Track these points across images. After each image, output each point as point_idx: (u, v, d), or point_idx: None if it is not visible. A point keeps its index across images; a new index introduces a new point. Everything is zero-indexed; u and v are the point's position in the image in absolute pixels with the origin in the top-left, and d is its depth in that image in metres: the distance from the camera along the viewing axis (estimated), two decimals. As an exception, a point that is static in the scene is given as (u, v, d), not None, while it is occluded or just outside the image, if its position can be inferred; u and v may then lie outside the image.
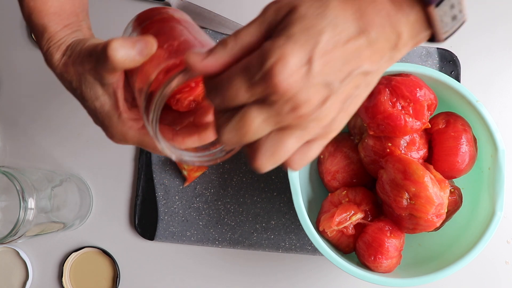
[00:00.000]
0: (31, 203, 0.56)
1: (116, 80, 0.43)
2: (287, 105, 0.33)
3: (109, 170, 0.72)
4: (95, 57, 0.42)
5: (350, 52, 0.33)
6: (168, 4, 0.73)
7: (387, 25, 0.34)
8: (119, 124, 0.45)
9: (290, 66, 0.32)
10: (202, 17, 0.72)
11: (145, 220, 0.71)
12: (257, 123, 0.33)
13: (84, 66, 0.44)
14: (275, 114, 0.33)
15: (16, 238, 0.56)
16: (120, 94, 0.44)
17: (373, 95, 0.56)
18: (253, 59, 0.33)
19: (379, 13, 0.34)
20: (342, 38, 0.33)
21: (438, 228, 0.58)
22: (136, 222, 0.71)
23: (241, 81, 0.33)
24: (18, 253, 0.70)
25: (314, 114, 0.34)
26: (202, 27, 0.72)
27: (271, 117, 0.33)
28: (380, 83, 0.57)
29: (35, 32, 0.46)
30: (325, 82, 0.33)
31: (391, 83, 0.56)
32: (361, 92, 0.35)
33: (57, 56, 0.46)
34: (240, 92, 0.33)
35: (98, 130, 0.72)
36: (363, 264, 0.59)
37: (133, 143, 0.46)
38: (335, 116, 0.35)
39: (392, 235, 0.58)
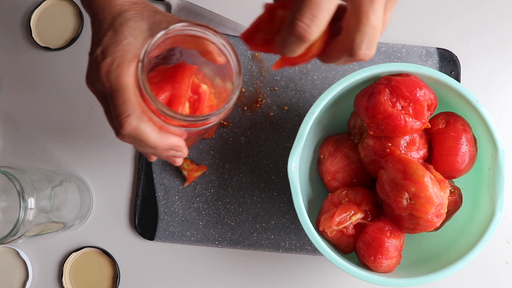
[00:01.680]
0: (31, 203, 0.56)
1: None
2: None
3: (109, 170, 0.72)
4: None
5: None
6: (169, 5, 0.73)
7: None
8: (123, 68, 0.46)
9: None
10: (202, 17, 0.72)
11: (145, 220, 0.71)
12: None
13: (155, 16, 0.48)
14: None
15: (16, 238, 0.56)
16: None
17: (373, 95, 0.56)
18: None
19: None
20: None
21: (438, 228, 0.58)
22: (136, 222, 0.71)
23: None
24: (18, 253, 0.70)
25: None
26: (202, 27, 0.72)
27: None
28: (380, 83, 0.57)
29: None
30: None
31: (391, 83, 0.56)
32: None
33: None
34: None
35: (98, 130, 0.73)
36: (363, 264, 0.60)
37: (111, 89, 0.46)
38: None
39: (392, 235, 0.58)
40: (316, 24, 0.36)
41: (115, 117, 0.46)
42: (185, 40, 0.50)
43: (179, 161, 0.54)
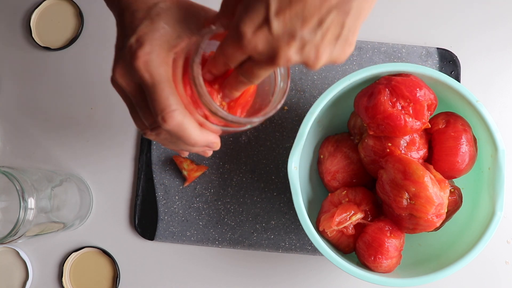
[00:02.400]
0: (31, 203, 0.56)
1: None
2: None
3: (109, 170, 0.72)
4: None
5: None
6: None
7: None
8: (163, 58, 0.44)
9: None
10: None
11: (145, 220, 0.71)
12: (259, 71, 0.42)
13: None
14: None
15: (16, 238, 0.56)
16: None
17: (373, 95, 0.56)
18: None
19: None
20: None
21: (438, 228, 0.58)
22: (136, 222, 0.71)
23: (230, 48, 0.40)
24: (18, 253, 0.70)
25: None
26: (202, 27, 0.72)
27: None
28: (380, 83, 0.57)
29: None
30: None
31: (391, 83, 0.56)
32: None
33: None
34: (234, 55, 0.41)
35: (98, 130, 0.73)
36: (363, 264, 0.60)
37: (150, 79, 0.44)
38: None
39: (392, 235, 0.58)
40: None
41: (158, 110, 0.44)
42: None
43: (210, 153, 0.53)
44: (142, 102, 0.46)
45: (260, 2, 0.37)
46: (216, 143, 0.49)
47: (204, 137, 0.47)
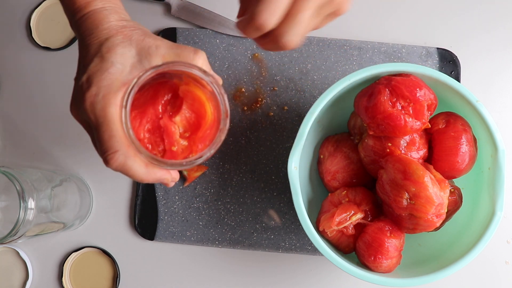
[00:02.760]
0: (31, 203, 0.56)
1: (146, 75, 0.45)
2: None
3: (109, 170, 0.72)
4: (176, 46, 0.47)
5: None
6: (168, 4, 0.73)
7: None
8: (109, 99, 0.44)
9: None
10: (202, 17, 0.72)
11: (145, 220, 0.71)
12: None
13: (155, 41, 0.47)
14: None
15: (16, 238, 0.56)
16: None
17: (373, 95, 0.56)
18: None
19: None
20: None
21: (438, 228, 0.58)
22: (136, 222, 0.71)
23: None
24: (18, 253, 0.70)
25: None
26: (202, 27, 0.72)
27: None
28: (380, 83, 0.57)
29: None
30: None
31: (391, 83, 0.56)
32: None
33: (114, 16, 0.48)
34: None
35: (98, 130, 0.73)
36: (363, 264, 0.60)
37: (97, 122, 0.45)
38: None
39: (392, 235, 0.58)
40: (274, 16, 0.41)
41: (101, 152, 0.45)
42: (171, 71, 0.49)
43: (171, 185, 0.53)
44: (92, 138, 0.47)
45: None
46: (167, 179, 0.49)
47: (151, 176, 0.47)
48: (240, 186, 0.71)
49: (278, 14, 0.40)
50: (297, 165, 0.58)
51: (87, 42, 0.47)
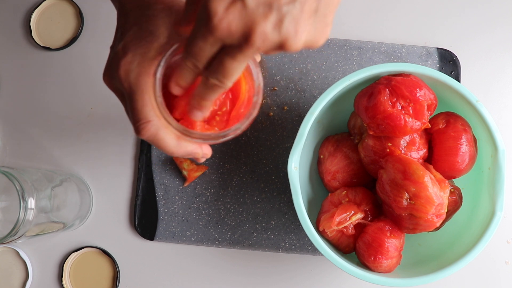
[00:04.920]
0: (31, 203, 0.56)
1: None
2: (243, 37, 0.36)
3: (109, 170, 0.72)
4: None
5: None
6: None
7: None
8: (143, 67, 0.43)
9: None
10: (202, 17, 0.72)
11: (145, 220, 0.71)
12: (232, 65, 0.38)
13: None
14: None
15: (16, 238, 0.56)
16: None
17: (373, 95, 0.56)
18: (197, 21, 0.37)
19: None
20: None
21: (438, 228, 0.58)
22: (136, 222, 0.71)
23: (198, 39, 0.37)
24: (18, 253, 0.70)
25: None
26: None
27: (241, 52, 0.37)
28: (380, 83, 0.57)
29: None
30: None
31: (391, 83, 0.56)
32: None
33: None
34: (203, 48, 0.37)
35: (98, 130, 0.73)
36: (363, 264, 0.60)
37: (128, 86, 0.44)
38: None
39: (392, 235, 0.58)
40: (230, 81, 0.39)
41: (133, 121, 0.44)
42: None
43: (202, 160, 0.51)
44: (125, 106, 0.46)
45: None
46: (198, 154, 0.48)
47: (182, 149, 0.46)
48: (240, 186, 0.71)
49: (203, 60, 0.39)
50: (297, 165, 0.58)
51: (127, 8, 0.45)
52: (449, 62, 0.72)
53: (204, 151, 0.49)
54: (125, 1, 0.46)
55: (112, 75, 0.45)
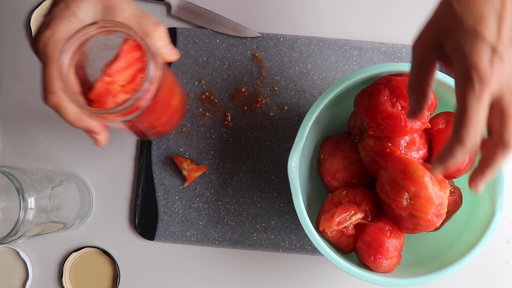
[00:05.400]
0: (31, 203, 0.56)
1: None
2: None
3: (109, 170, 0.72)
4: (141, 14, 0.50)
5: None
6: (169, 5, 0.73)
7: None
8: (59, 44, 0.48)
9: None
10: (202, 17, 0.72)
11: (145, 220, 0.71)
12: None
13: None
14: None
15: (16, 238, 0.56)
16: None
17: (373, 95, 0.56)
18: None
19: None
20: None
21: (438, 228, 0.58)
22: (136, 222, 0.71)
23: (472, 101, 0.38)
24: (18, 253, 0.70)
25: None
26: (202, 27, 0.72)
27: None
28: (380, 83, 0.57)
29: None
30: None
31: (391, 83, 0.56)
32: None
33: None
34: (478, 109, 0.38)
35: (98, 130, 0.72)
36: (363, 264, 0.60)
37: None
38: None
39: (392, 235, 0.58)
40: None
41: (42, 90, 0.49)
42: None
43: (99, 143, 0.54)
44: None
45: (475, 36, 0.37)
46: (96, 131, 0.52)
47: (80, 123, 0.50)
48: (240, 186, 0.71)
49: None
50: (297, 165, 0.58)
51: None
52: (449, 62, 0.72)
53: (103, 133, 0.53)
54: None
55: (35, 45, 0.49)
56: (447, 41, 0.40)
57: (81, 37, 0.47)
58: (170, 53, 0.53)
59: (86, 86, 0.50)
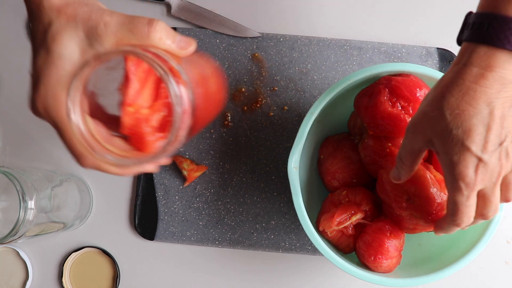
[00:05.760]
0: (31, 203, 0.56)
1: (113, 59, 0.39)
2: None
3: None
4: (129, 20, 0.40)
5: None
6: (169, 5, 0.73)
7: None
8: (59, 98, 0.40)
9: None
10: (202, 17, 0.72)
11: (145, 220, 0.71)
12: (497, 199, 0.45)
13: (103, 16, 0.40)
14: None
15: (16, 238, 0.56)
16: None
17: (373, 95, 0.56)
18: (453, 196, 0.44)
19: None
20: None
21: (438, 228, 0.58)
22: (136, 222, 0.71)
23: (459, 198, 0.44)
24: (18, 253, 0.70)
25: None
26: (202, 27, 0.72)
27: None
28: (380, 83, 0.57)
29: None
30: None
31: (391, 83, 0.56)
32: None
33: None
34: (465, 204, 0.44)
35: (98, 130, 0.73)
36: (363, 264, 0.59)
37: (51, 121, 0.41)
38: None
39: (392, 235, 0.58)
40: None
41: (72, 155, 0.43)
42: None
43: (158, 169, 0.50)
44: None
45: (462, 149, 0.42)
46: (149, 170, 0.46)
47: (125, 171, 0.44)
48: (240, 186, 0.71)
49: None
50: (297, 165, 0.58)
51: (32, 28, 0.41)
52: (449, 62, 0.72)
53: (150, 168, 0.46)
54: (29, 18, 0.42)
55: (34, 111, 0.42)
56: (437, 144, 0.44)
57: (78, 86, 0.39)
58: (183, 46, 0.43)
59: (112, 119, 0.43)
